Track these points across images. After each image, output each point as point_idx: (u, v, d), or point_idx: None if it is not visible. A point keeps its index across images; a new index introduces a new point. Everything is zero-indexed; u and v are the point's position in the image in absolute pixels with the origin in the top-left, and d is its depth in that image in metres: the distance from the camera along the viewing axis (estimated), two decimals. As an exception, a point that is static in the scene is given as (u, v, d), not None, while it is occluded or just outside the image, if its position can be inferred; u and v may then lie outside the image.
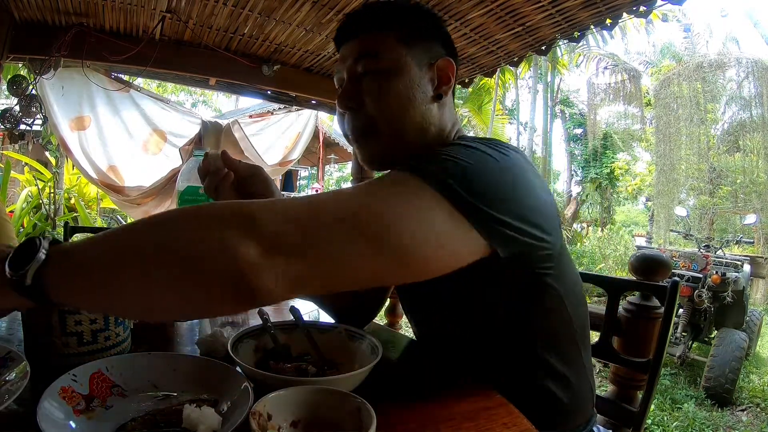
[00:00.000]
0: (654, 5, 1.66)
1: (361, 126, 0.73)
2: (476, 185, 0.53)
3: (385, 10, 0.74)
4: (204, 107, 15.93)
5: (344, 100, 0.73)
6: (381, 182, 0.53)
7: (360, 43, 0.72)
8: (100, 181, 3.08)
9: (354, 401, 0.47)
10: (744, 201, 8.25)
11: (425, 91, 0.72)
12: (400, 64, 0.70)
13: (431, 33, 0.75)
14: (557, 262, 0.67)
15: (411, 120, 0.71)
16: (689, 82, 8.36)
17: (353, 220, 0.47)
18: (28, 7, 1.93)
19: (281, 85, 2.62)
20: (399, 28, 0.72)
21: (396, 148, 0.72)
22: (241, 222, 0.43)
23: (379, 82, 0.70)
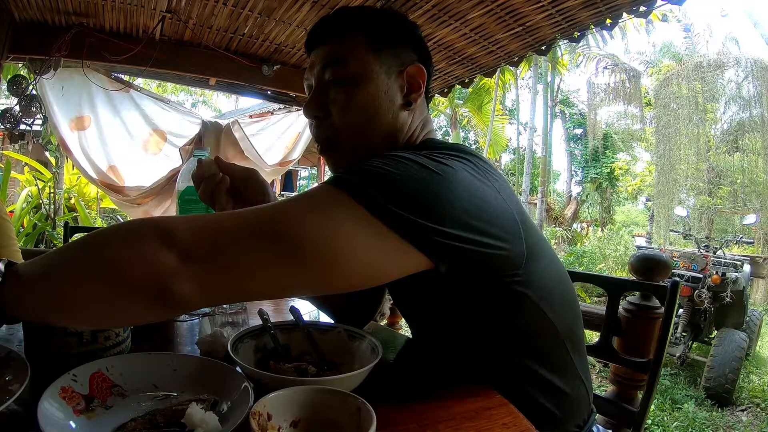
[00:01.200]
0: (654, 5, 1.67)
1: (327, 136, 0.72)
2: (400, 194, 0.51)
3: (353, 16, 0.73)
4: (204, 107, 15.95)
5: (310, 109, 0.72)
6: (303, 194, 0.54)
7: (328, 50, 0.71)
8: (100, 181, 3.07)
9: (354, 401, 0.47)
10: (744, 201, 8.25)
11: (393, 99, 0.71)
12: (368, 71, 0.69)
13: (402, 39, 0.74)
14: (525, 268, 0.63)
15: (376, 129, 0.70)
16: (689, 82, 8.37)
17: (267, 229, 0.49)
18: (28, 7, 1.93)
19: (281, 85, 2.63)
20: (369, 34, 0.70)
21: (359, 157, 0.69)
22: (160, 234, 0.46)
23: (346, 91, 0.69)
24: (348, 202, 0.50)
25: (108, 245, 0.47)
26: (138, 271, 0.45)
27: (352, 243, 0.49)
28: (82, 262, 0.47)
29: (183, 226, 0.48)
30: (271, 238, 0.48)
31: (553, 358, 0.73)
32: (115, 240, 0.48)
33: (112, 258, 0.46)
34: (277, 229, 0.49)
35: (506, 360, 0.70)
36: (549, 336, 0.72)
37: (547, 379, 0.72)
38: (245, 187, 0.77)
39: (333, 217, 0.50)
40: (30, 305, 0.46)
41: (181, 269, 0.45)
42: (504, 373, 0.71)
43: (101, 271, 0.45)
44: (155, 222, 0.48)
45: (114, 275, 0.45)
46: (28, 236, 3.98)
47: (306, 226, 0.49)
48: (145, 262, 0.45)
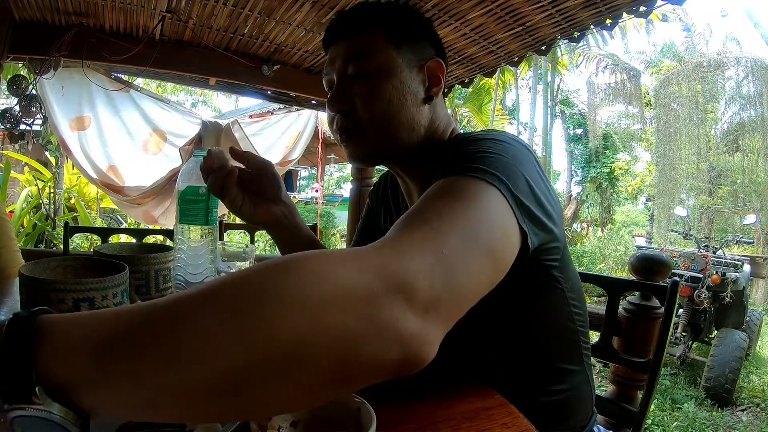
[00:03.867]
0: (654, 5, 1.66)
1: (351, 128, 0.73)
2: (517, 179, 0.52)
3: (374, 11, 0.74)
4: (204, 107, 15.94)
5: (334, 103, 0.72)
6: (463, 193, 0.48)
7: (349, 45, 0.72)
8: (100, 181, 3.07)
9: (354, 401, 0.47)
10: (744, 201, 8.25)
11: (416, 92, 0.72)
12: (391, 65, 0.70)
13: (421, 34, 0.75)
14: (562, 255, 0.68)
15: (400, 122, 0.71)
16: (689, 82, 8.36)
17: (484, 248, 0.43)
18: (28, 7, 1.93)
19: (281, 85, 2.62)
20: (388, 29, 0.71)
21: (382, 149, 0.74)
22: (395, 287, 0.33)
23: (369, 85, 0.70)
24: (502, 200, 0.49)
25: (327, 318, 0.29)
26: (377, 349, 0.31)
27: (511, 241, 0.49)
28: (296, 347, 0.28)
29: (416, 266, 0.35)
30: (488, 254, 0.43)
31: (572, 352, 0.75)
32: (336, 310, 0.30)
33: (338, 339, 0.29)
34: (490, 245, 0.44)
35: (530, 351, 0.71)
36: (570, 329, 0.73)
37: (557, 376, 0.72)
38: (259, 179, 0.78)
39: (497, 211, 0.48)
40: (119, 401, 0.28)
41: (426, 329, 0.34)
42: (525, 366, 0.71)
43: (327, 361, 0.29)
44: (387, 275, 0.33)
45: (345, 364, 0.30)
46: (28, 236, 3.98)
47: (489, 226, 0.45)
48: (386, 338, 0.31)
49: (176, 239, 0.92)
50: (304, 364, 0.28)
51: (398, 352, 0.32)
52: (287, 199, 0.83)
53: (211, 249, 0.93)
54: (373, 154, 0.75)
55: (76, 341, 0.28)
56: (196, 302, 0.29)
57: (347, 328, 0.29)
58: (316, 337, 0.29)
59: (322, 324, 0.29)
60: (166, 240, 2.59)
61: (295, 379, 0.28)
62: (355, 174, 2.93)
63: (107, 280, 0.62)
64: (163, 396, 0.27)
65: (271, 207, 0.81)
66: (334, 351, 0.29)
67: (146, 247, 1.06)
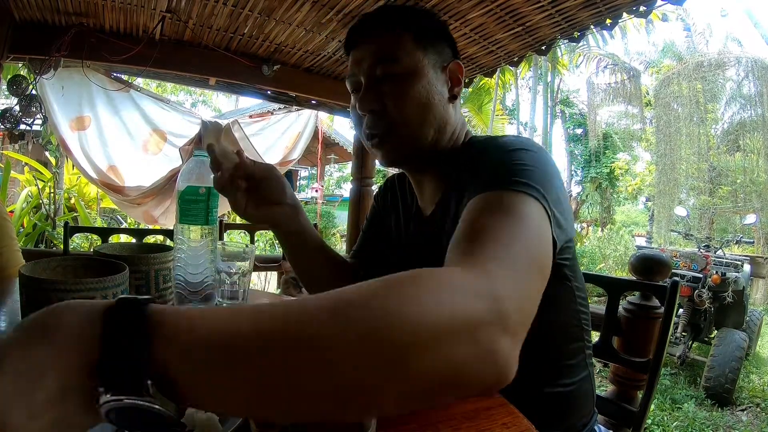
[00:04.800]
0: (654, 5, 1.66)
1: (383, 129, 0.73)
2: (551, 189, 0.55)
3: (401, 14, 0.75)
4: (204, 107, 15.94)
5: (366, 103, 0.73)
6: (516, 210, 0.50)
7: (378, 46, 0.73)
8: (100, 181, 3.07)
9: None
10: (744, 201, 8.24)
11: (442, 93, 0.74)
12: (419, 67, 0.71)
13: (441, 36, 0.76)
14: (572, 253, 0.70)
15: (431, 122, 0.73)
16: (689, 82, 8.36)
17: (537, 265, 0.46)
18: (28, 7, 1.93)
19: (281, 85, 2.62)
20: (415, 32, 0.72)
21: (415, 149, 0.75)
22: (494, 315, 0.34)
23: (400, 86, 0.71)
24: (545, 215, 0.52)
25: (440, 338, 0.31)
26: (475, 369, 0.33)
27: (550, 252, 0.51)
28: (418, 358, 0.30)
29: (505, 292, 0.37)
30: (541, 272, 0.46)
31: (576, 350, 0.75)
32: (445, 330, 0.31)
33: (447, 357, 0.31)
34: (543, 263, 0.47)
35: (528, 350, 0.71)
36: (576, 328, 0.74)
37: (561, 373, 0.73)
38: (264, 184, 0.78)
39: (545, 227, 0.52)
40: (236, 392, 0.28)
41: (515, 351, 0.35)
42: (533, 364, 0.71)
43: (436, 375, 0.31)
44: (483, 292, 0.36)
45: (449, 379, 0.31)
46: (28, 236, 3.98)
47: (538, 241, 0.48)
48: (487, 361, 0.33)
49: (176, 239, 0.92)
50: (415, 380, 0.30)
51: (494, 373, 0.34)
52: (293, 200, 0.83)
53: (211, 249, 0.93)
54: (407, 155, 0.76)
55: (192, 336, 0.28)
56: (326, 317, 0.30)
57: (458, 351, 0.31)
58: (431, 359, 0.30)
59: (437, 347, 0.31)
60: (166, 240, 2.59)
61: (403, 393, 0.30)
62: (355, 174, 2.93)
63: (107, 280, 0.62)
64: (279, 398, 0.28)
65: (276, 209, 0.81)
66: (443, 370, 0.31)
67: (146, 247, 1.06)
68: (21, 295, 0.61)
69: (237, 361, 0.28)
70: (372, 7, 1.86)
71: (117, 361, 0.26)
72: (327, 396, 0.29)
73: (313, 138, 3.93)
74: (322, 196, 8.00)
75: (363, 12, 1.91)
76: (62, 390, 0.25)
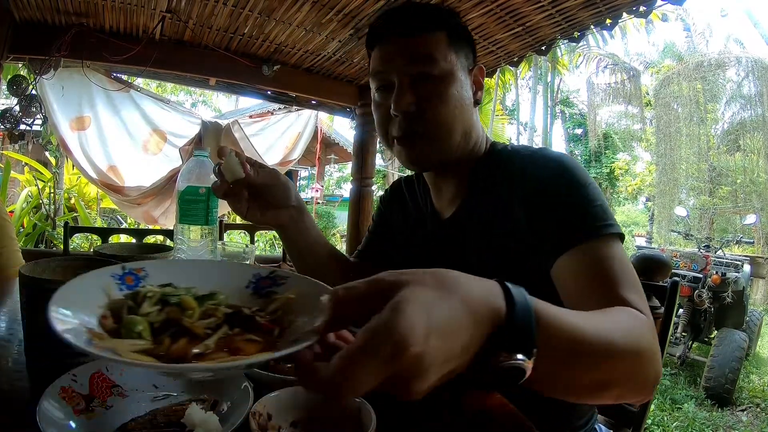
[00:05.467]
0: (654, 5, 1.67)
1: (415, 130, 0.72)
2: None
3: (436, 13, 0.73)
4: (204, 107, 15.92)
5: (402, 104, 0.70)
6: (618, 247, 0.62)
7: (414, 44, 0.70)
8: (100, 181, 3.07)
9: (354, 401, 0.47)
10: (744, 201, 8.24)
11: (470, 96, 0.74)
12: (453, 69, 0.71)
13: (468, 38, 0.76)
14: None
15: (461, 125, 0.73)
16: (689, 82, 8.36)
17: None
18: (28, 7, 1.93)
19: (281, 85, 2.62)
20: (448, 31, 0.71)
21: (444, 152, 0.74)
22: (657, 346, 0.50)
23: (436, 88, 0.70)
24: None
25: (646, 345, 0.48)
26: (653, 379, 0.48)
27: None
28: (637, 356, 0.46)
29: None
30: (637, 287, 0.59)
31: None
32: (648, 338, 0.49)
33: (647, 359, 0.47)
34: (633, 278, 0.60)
35: None
36: None
37: None
38: (270, 192, 0.75)
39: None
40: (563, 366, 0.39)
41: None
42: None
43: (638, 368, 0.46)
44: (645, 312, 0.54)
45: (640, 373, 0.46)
46: (28, 236, 3.98)
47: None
48: (656, 374, 0.48)
49: (176, 239, 0.92)
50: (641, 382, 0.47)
51: (656, 379, 0.48)
52: (298, 201, 0.81)
53: (211, 249, 0.93)
54: (436, 159, 0.75)
55: (559, 329, 0.37)
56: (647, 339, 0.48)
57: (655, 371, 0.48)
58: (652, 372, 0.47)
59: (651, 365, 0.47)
60: (166, 240, 2.59)
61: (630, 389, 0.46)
62: (355, 174, 2.93)
63: (107, 280, 0.62)
64: (598, 384, 0.43)
65: (280, 212, 0.79)
66: (648, 378, 0.47)
67: (146, 247, 1.07)
68: (21, 295, 0.61)
69: (583, 357, 0.39)
70: (372, 7, 1.86)
71: (519, 332, 0.33)
72: (621, 384, 0.44)
73: (313, 138, 3.93)
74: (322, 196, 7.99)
75: (363, 12, 1.91)
76: (467, 347, 0.32)
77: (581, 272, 0.60)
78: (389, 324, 0.28)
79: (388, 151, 11.74)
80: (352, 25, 2.04)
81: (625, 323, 0.49)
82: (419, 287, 0.31)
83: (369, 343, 0.28)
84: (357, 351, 0.28)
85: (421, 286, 0.31)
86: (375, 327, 0.28)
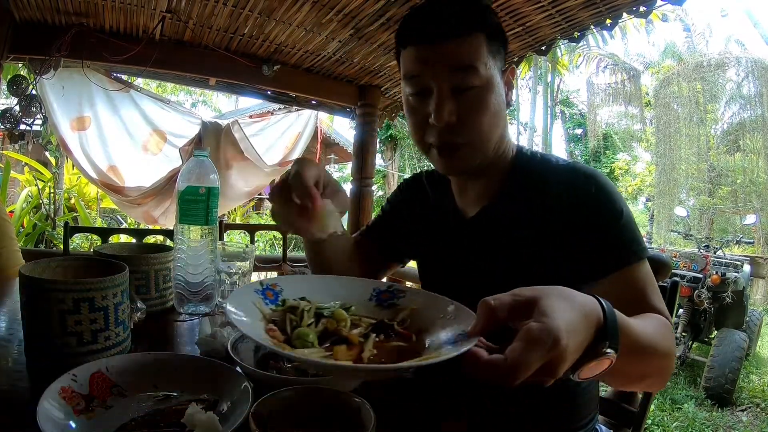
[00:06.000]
0: (654, 5, 1.66)
1: (455, 141, 0.71)
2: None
3: (475, 11, 0.68)
4: (204, 107, 15.91)
5: (444, 116, 0.68)
6: (647, 265, 0.69)
7: (454, 51, 0.66)
8: (100, 181, 3.07)
9: (354, 401, 0.47)
10: (744, 201, 8.24)
11: (504, 101, 0.73)
12: (492, 77, 0.69)
13: (503, 39, 0.72)
14: None
15: (497, 131, 0.72)
16: (689, 82, 8.36)
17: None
18: (28, 7, 1.93)
19: (281, 85, 2.62)
20: (488, 33, 0.68)
21: (481, 159, 0.73)
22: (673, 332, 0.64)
23: (478, 99, 0.68)
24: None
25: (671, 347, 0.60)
26: (671, 371, 0.62)
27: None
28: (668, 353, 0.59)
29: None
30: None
31: None
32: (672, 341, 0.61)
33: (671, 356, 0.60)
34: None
35: None
36: None
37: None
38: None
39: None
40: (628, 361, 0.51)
41: None
42: None
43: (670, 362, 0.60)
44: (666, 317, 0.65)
45: (668, 368, 0.60)
46: (28, 236, 3.98)
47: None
48: (673, 364, 0.62)
49: (176, 239, 0.92)
50: (664, 375, 0.60)
51: (671, 373, 0.61)
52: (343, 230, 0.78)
53: (211, 249, 0.93)
54: (472, 166, 0.74)
55: (629, 333, 0.48)
56: (665, 349, 0.58)
57: (673, 367, 0.61)
58: (672, 368, 0.61)
59: (673, 362, 0.61)
60: (166, 240, 2.59)
61: (658, 380, 0.61)
62: (355, 174, 2.92)
63: (107, 280, 0.62)
64: (641, 375, 0.58)
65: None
66: (670, 372, 0.61)
67: (146, 247, 1.07)
68: (21, 295, 0.61)
69: (638, 354, 0.51)
70: (372, 7, 1.86)
71: (611, 333, 0.43)
72: (654, 376, 0.59)
73: (313, 138, 3.92)
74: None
75: (363, 12, 1.91)
76: (584, 342, 0.42)
77: (619, 292, 0.64)
78: (546, 325, 0.38)
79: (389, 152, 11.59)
80: (352, 25, 2.04)
81: (661, 328, 0.59)
82: (553, 299, 0.41)
83: (535, 340, 0.37)
84: (527, 345, 0.37)
85: (552, 297, 0.41)
86: (536, 328, 0.38)
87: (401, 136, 11.80)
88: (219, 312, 0.96)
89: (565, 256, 0.69)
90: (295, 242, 8.95)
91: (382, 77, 2.62)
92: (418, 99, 0.71)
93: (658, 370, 0.58)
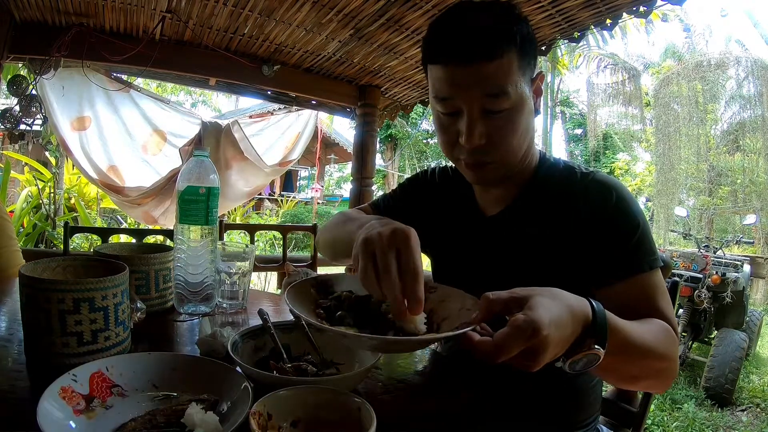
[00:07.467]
0: (654, 5, 1.67)
1: (485, 160, 0.72)
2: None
3: (508, 27, 0.65)
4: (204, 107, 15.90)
5: (476, 140, 0.68)
6: (659, 273, 0.71)
7: (486, 75, 0.64)
8: (100, 181, 3.07)
9: (354, 401, 0.47)
10: (744, 201, 8.24)
11: (533, 111, 0.73)
12: (523, 96, 0.68)
13: (535, 49, 0.70)
14: None
15: (525, 146, 0.74)
16: (689, 82, 8.36)
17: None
18: (28, 7, 1.93)
19: (281, 85, 2.62)
20: (519, 47, 0.65)
21: (509, 171, 0.76)
22: (677, 340, 0.66)
23: (508, 121, 0.68)
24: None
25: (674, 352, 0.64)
26: (671, 375, 0.65)
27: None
28: (667, 358, 0.62)
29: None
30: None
31: None
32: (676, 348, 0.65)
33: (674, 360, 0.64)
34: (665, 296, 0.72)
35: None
36: None
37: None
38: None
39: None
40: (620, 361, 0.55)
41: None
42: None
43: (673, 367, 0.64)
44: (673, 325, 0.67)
45: (671, 372, 0.64)
46: (28, 236, 3.98)
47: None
48: (675, 369, 0.65)
49: (176, 239, 0.92)
50: (662, 379, 0.65)
51: (674, 378, 0.65)
52: None
53: (211, 249, 0.93)
54: (501, 178, 0.77)
55: (619, 334, 0.52)
56: (661, 354, 0.61)
57: (674, 372, 0.65)
58: (672, 373, 0.65)
59: (672, 367, 0.64)
60: (166, 240, 2.59)
61: (656, 383, 0.66)
62: (355, 174, 2.93)
63: (107, 280, 0.62)
64: (637, 376, 0.62)
65: None
66: (669, 376, 0.65)
67: (146, 247, 1.07)
68: (21, 295, 0.61)
69: (629, 354, 0.55)
70: (372, 7, 1.86)
71: (599, 331, 0.49)
72: (650, 378, 0.63)
73: (313, 138, 3.92)
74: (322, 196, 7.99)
75: (363, 12, 1.91)
76: (569, 337, 0.47)
77: (628, 297, 0.68)
78: (529, 317, 0.43)
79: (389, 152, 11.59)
80: (352, 26, 2.04)
81: (659, 334, 0.61)
82: (543, 297, 0.46)
83: (517, 328, 0.43)
84: (510, 331, 0.43)
85: (542, 296, 0.47)
86: (521, 319, 0.44)
87: (401, 136, 11.80)
88: (219, 312, 0.96)
89: (579, 262, 0.72)
90: (296, 242, 8.95)
91: (382, 77, 2.62)
92: (449, 118, 0.71)
93: (654, 372, 0.61)
